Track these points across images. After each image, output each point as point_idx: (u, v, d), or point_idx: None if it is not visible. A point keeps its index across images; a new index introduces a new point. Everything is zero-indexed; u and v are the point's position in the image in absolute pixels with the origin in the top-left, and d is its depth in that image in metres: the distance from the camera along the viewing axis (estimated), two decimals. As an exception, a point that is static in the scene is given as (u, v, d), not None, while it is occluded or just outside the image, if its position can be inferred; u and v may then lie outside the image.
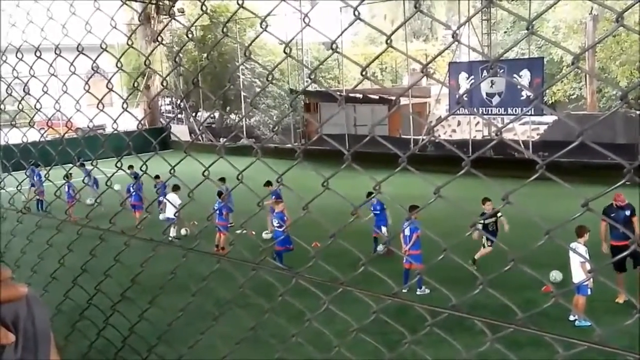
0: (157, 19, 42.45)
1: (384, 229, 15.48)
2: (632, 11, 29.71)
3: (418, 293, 12.58)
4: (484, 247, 14.16)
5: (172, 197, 15.62)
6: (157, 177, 14.31)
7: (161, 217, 19.39)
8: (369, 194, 14.51)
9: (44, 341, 1.78)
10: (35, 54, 3.75)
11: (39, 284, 3.65)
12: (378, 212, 15.58)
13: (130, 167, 11.13)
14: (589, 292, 10.71)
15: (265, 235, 17.68)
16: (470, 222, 2.29)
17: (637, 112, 26.53)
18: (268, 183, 15.44)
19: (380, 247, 15.28)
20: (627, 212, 12.10)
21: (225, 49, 42.66)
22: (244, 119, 42.19)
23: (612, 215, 12.06)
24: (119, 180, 4.59)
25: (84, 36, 3.33)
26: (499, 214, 13.63)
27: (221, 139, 35.98)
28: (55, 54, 3.65)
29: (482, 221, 13.47)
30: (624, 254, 2.21)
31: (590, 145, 1.94)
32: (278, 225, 15.79)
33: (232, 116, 45.86)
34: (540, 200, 13.22)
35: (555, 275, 12.69)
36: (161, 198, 17.39)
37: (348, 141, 30.00)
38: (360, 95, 34.00)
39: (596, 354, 1.92)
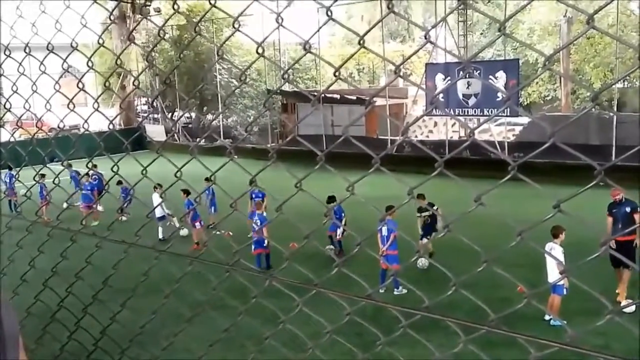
0: (133, 18, 42.05)
1: (339, 230, 15.74)
2: (606, 13, 30.13)
3: (395, 293, 12.59)
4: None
5: (154, 196, 15.69)
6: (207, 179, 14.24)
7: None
8: (330, 198, 14.17)
9: (12, 344, 1.73)
10: (4, 53, 3.68)
11: (8, 287, 3.58)
12: (337, 215, 15.69)
13: (95, 166, 10.94)
14: (565, 292, 10.80)
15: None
16: (443, 221, 2.28)
17: (611, 114, 26.83)
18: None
19: (330, 247, 15.76)
20: (627, 209, 12.40)
21: (201, 48, 42.38)
22: (219, 120, 41.88)
23: (614, 210, 12.46)
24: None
25: (54, 35, 3.28)
26: (434, 207, 13.65)
27: (197, 140, 35.76)
28: (25, 52, 3.58)
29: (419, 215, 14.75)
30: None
31: (563, 147, 1.95)
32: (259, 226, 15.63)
33: (209, 116, 45.57)
34: (516, 200, 13.30)
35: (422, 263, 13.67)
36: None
37: (325, 142, 29.99)
38: (338, 96, 34.01)
39: (570, 353, 1.92)
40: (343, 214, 15.75)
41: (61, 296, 3.97)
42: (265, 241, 14.56)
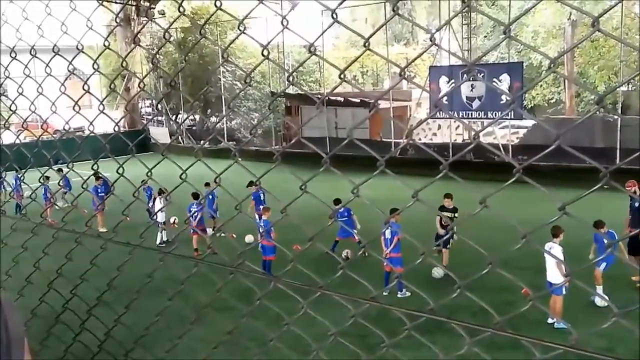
0: (138, 21, 42.14)
1: (355, 231, 15.52)
2: (610, 17, 30.07)
3: (399, 296, 12.58)
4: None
5: (157, 201, 15.84)
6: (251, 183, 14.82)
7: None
8: (336, 200, 13.79)
9: (18, 346, 1.73)
10: (10, 55, 3.70)
11: (14, 288, 3.59)
12: (346, 218, 15.58)
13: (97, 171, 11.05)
14: (564, 292, 10.81)
15: (248, 239, 17.22)
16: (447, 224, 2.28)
17: (615, 117, 26.75)
18: (251, 183, 15.12)
19: (344, 252, 15.51)
20: (637, 204, 13.12)
21: (206, 51, 42.43)
22: (223, 122, 41.93)
23: (631, 202, 13.32)
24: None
25: (59, 37, 3.29)
26: (455, 214, 13.64)
27: (202, 142, 35.77)
28: (31, 54, 3.60)
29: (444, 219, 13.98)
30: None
31: (568, 150, 1.95)
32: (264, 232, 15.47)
33: (213, 119, 45.61)
34: (520, 203, 13.27)
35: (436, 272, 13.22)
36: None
37: (329, 144, 29.99)
38: (342, 99, 34.01)
39: (574, 356, 1.92)
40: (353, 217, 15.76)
41: (66, 298, 3.98)
42: (272, 248, 14.35)
